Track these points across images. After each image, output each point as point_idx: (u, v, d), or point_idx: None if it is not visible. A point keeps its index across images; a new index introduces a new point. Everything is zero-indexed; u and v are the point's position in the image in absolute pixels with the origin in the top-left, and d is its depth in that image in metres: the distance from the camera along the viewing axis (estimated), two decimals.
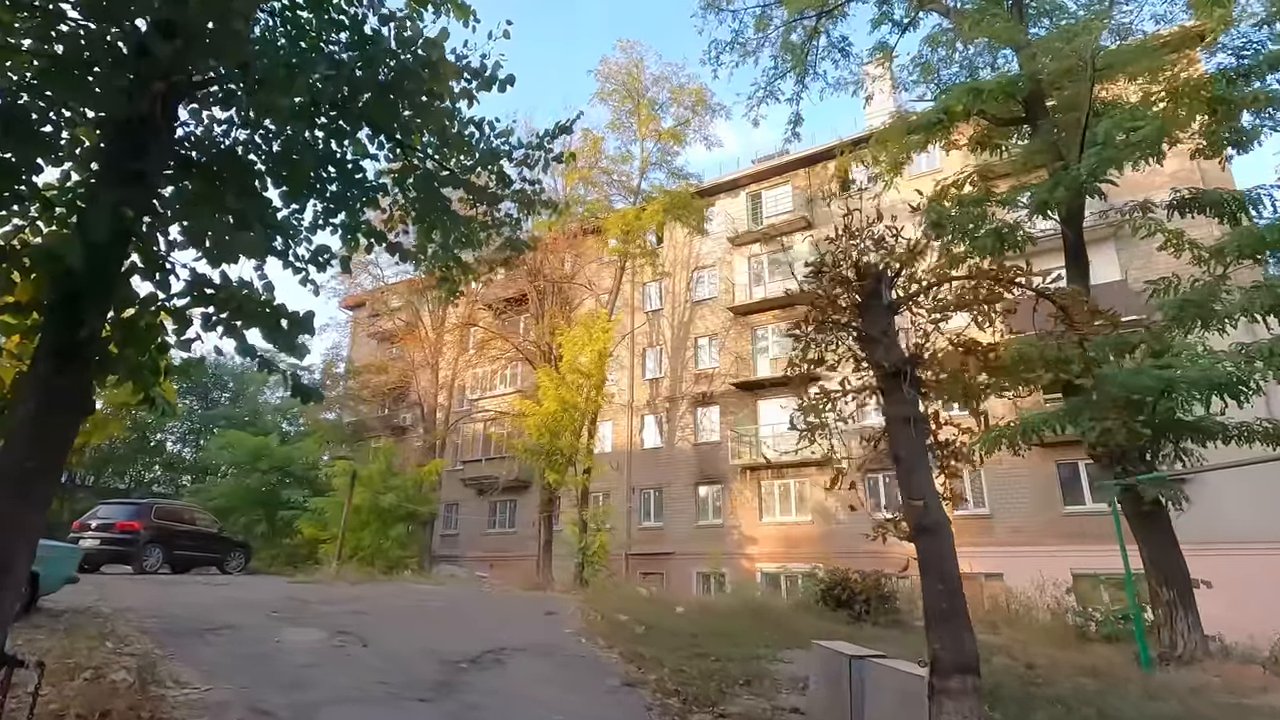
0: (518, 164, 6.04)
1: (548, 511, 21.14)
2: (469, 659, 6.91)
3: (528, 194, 6.33)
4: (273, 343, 4.06)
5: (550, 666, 6.83)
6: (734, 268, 25.92)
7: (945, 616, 3.69)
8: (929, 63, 11.12)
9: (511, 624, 9.40)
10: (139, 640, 6.49)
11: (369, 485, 20.48)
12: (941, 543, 3.81)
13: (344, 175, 5.05)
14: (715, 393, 25.03)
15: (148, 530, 15.01)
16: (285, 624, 8.11)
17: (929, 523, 3.84)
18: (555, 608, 10.97)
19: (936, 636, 3.67)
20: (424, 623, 9.09)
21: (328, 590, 11.99)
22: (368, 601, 10.53)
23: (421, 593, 12.70)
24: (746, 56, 14.69)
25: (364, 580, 14.79)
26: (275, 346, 4.11)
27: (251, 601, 9.72)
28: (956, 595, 3.74)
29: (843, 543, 21.18)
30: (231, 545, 17.73)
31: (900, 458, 4.05)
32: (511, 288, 26.35)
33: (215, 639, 6.89)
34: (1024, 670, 7.05)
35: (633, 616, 9.94)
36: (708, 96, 21.12)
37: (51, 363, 3.58)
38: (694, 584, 22.88)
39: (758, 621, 10.00)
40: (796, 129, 14.93)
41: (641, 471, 25.72)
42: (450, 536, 29.31)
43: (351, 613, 9.30)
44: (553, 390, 17.76)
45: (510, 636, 8.21)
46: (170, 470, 35.62)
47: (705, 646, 8.01)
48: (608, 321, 18.95)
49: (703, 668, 6.96)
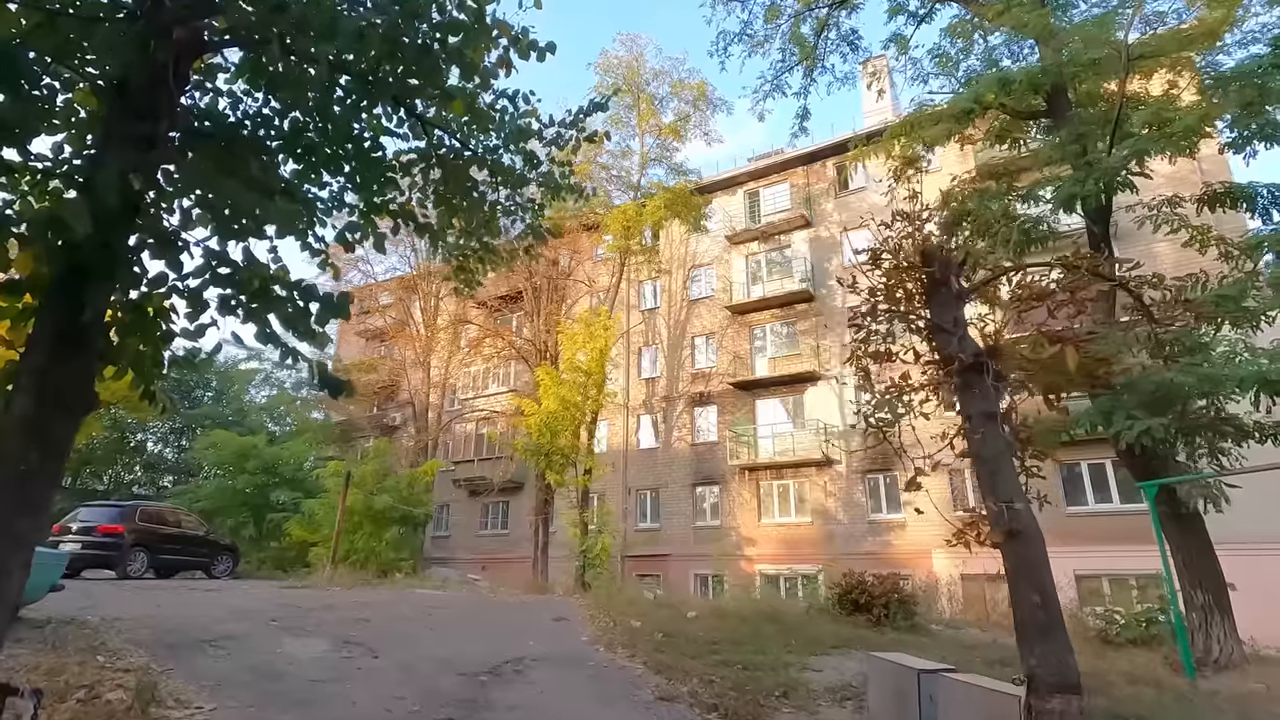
0: (547, 144, 5.67)
1: (544, 513, 20.73)
2: (488, 670, 6.52)
3: (555, 177, 5.96)
4: (291, 328, 3.63)
5: (576, 679, 6.46)
6: (731, 266, 25.65)
7: (1043, 631, 3.38)
8: (947, 54, 10.88)
9: (522, 631, 9.01)
10: (133, 654, 6.03)
11: (362, 486, 19.93)
12: (1033, 549, 3.50)
13: (361, 153, 4.66)
14: (712, 392, 24.75)
15: (131, 534, 14.42)
16: (287, 633, 7.66)
17: (1020, 527, 3.52)
18: (563, 613, 10.59)
19: (1033, 653, 3.36)
20: (431, 630, 8.68)
21: (324, 595, 11.50)
22: (368, 608, 10.08)
23: (421, 597, 12.26)
24: (755, 49, 14.41)
25: (360, 584, 14.29)
26: (295, 334, 3.68)
27: (248, 609, 9.24)
28: (1053, 606, 3.44)
29: (843, 544, 20.99)
30: (219, 548, 17.15)
31: (982, 457, 3.74)
32: (504, 285, 25.87)
33: (216, 651, 6.44)
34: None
35: (646, 622, 9.60)
36: (709, 91, 20.85)
37: (50, 350, 3.17)
38: (692, 586, 22.57)
39: (775, 626, 9.68)
40: (804, 123, 14.68)
41: (638, 472, 25.37)
42: (442, 538, 28.78)
43: (354, 620, 8.87)
44: (553, 388, 17.35)
45: (525, 645, 7.83)
46: (151, 471, 34.66)
47: (728, 654, 7.68)
48: (609, 318, 18.56)
49: (733, 678, 6.63)
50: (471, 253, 6.06)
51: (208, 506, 22.51)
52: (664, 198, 20.03)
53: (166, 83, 3.52)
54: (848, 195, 24.45)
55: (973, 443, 3.80)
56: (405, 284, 29.63)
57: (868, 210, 23.64)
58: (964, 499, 20.12)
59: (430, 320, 28.90)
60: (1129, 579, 16.92)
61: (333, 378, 3.60)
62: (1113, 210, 9.30)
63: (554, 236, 6.18)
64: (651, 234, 22.57)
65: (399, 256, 29.64)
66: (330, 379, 3.61)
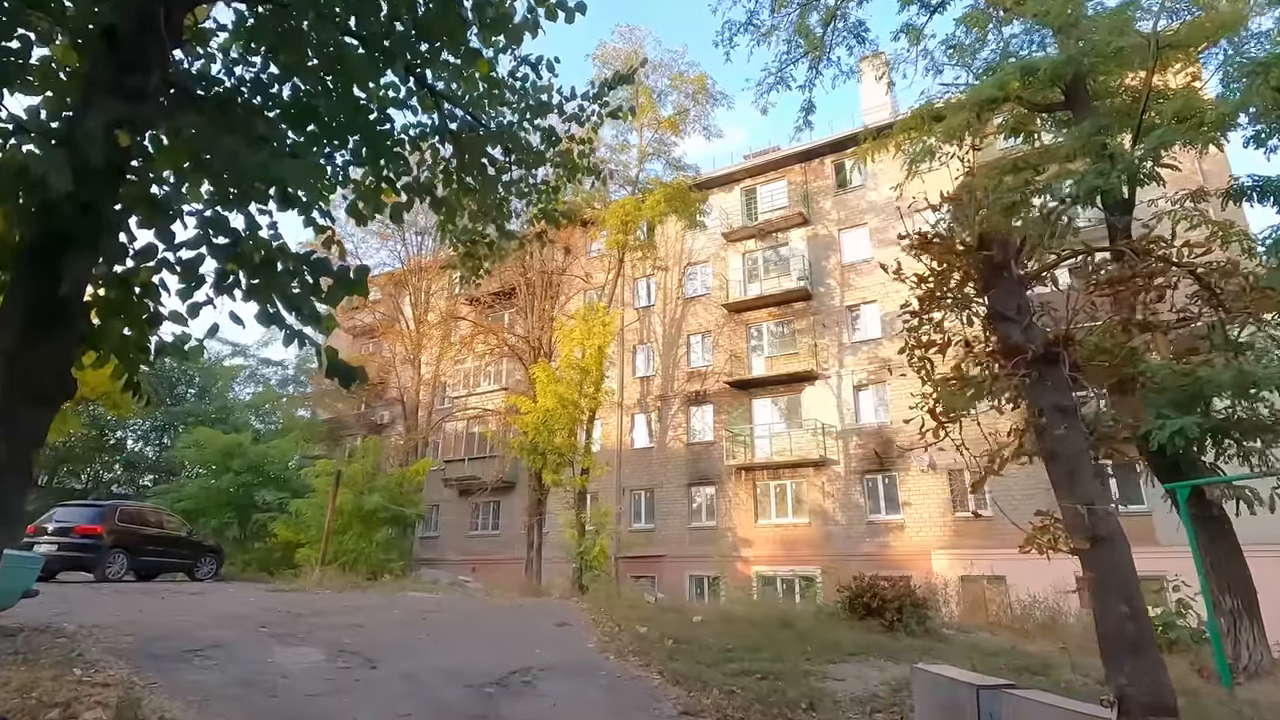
0: (567, 119, 5.30)
1: (538, 513, 20.31)
2: (495, 681, 6.14)
3: (573, 156, 5.59)
4: (296, 310, 3.22)
5: (590, 691, 6.09)
6: (728, 264, 25.35)
7: (1134, 646, 3.07)
8: (962, 44, 10.63)
9: (525, 637, 8.63)
10: (113, 666, 5.59)
11: (351, 485, 19.40)
12: (1120, 555, 3.19)
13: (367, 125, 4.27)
14: (708, 391, 24.44)
15: (110, 534, 13.86)
16: (277, 641, 7.24)
17: (1105, 532, 3.21)
18: (564, 617, 10.21)
19: (1123, 671, 3.05)
20: (429, 637, 8.27)
21: (315, 599, 11.06)
22: (362, 612, 9.66)
23: (414, 601, 11.83)
24: (762, 39, 14.11)
25: (350, 587, 13.84)
26: (299, 317, 3.26)
27: (235, 614, 8.79)
28: (1143, 619, 3.13)
29: (841, 545, 20.76)
30: (202, 550, 16.59)
31: (1058, 455, 3.43)
32: (497, 281, 25.36)
33: (203, 662, 6.01)
34: (1098, 687, 6.49)
35: (653, 628, 9.24)
36: (709, 84, 20.50)
37: (21, 331, 2.77)
38: (687, 588, 22.26)
39: (787, 632, 9.36)
40: (809, 116, 14.39)
41: (632, 472, 25.01)
42: (431, 539, 28.26)
43: (348, 625, 8.45)
44: (550, 386, 16.94)
45: (531, 653, 7.45)
46: (132, 470, 33.77)
47: (745, 662, 7.33)
48: (607, 314, 18.17)
49: (755, 689, 6.28)
50: (480, 238, 5.68)
51: (190, 506, 21.85)
52: (664, 191, 19.67)
53: (158, 31, 3.13)
54: (846, 193, 24.23)
55: (1047, 439, 3.49)
56: (395, 279, 29.06)
57: (867, 207, 23.53)
58: (963, 500, 19.97)
59: (421, 316, 28.37)
60: None
61: (344, 365, 3.21)
62: (1135, 204, 9.08)
63: (570, 222, 5.80)
64: (648, 230, 22.19)
65: (389, 251, 29.12)
66: (341, 366, 3.21)
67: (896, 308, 20.37)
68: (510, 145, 4.93)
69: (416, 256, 28.63)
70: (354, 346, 32.92)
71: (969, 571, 18.59)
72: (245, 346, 37.28)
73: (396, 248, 28.95)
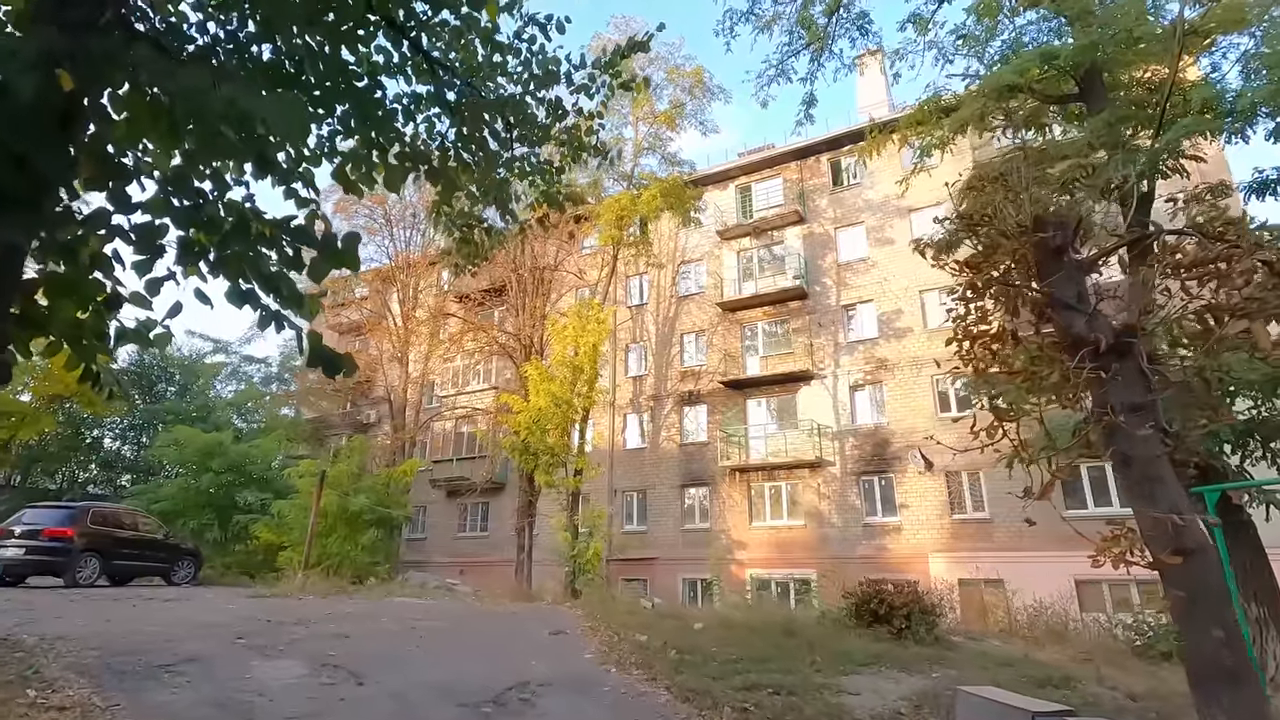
0: (575, 90, 4.89)
1: (529, 515, 19.84)
2: (490, 699, 5.71)
3: (580, 133, 5.19)
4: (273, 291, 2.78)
5: (594, 710, 5.67)
6: (723, 262, 25.00)
7: (1231, 676, 2.71)
8: (973, 34, 10.32)
9: (519, 647, 8.20)
10: (73, 685, 5.11)
11: (336, 486, 18.82)
12: (1212, 572, 2.83)
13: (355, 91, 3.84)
14: (702, 391, 24.06)
15: (82, 537, 13.25)
16: (256, 654, 6.76)
17: (1194, 545, 2.85)
18: (559, 624, 9.78)
19: (1220, 704, 2.68)
20: (419, 648, 7.81)
21: (297, 606, 10.54)
22: (348, 621, 9.18)
23: (402, 607, 11.35)
24: (763, 29, 13.74)
25: (334, 592, 13.31)
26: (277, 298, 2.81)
27: (211, 623, 8.30)
28: (1238, 645, 2.77)
29: (837, 547, 20.44)
30: (179, 553, 15.98)
31: (1132, 457, 3.07)
32: (486, 278, 24.84)
33: (173, 679, 5.53)
34: (1133, 703, 6.17)
35: (652, 636, 8.84)
36: (706, 78, 20.13)
37: None
38: (680, 591, 21.85)
39: (791, 640, 8.99)
40: (810, 110, 14.04)
41: (624, 473, 24.57)
42: (418, 541, 27.67)
43: (332, 635, 7.97)
44: (542, 384, 16.48)
45: (527, 666, 7.02)
46: (109, 470, 32.84)
47: (754, 674, 6.95)
48: (602, 311, 17.73)
49: (769, 705, 5.90)
50: (478, 222, 5.27)
51: (169, 507, 21.14)
52: (659, 187, 19.25)
53: None
54: (842, 191, 23.94)
55: (1120, 441, 3.12)
56: (383, 275, 28.45)
57: (864, 206, 23.26)
58: (961, 503, 19.72)
59: (409, 313, 27.77)
60: (1128, 585, 16.56)
61: (329, 352, 2.75)
62: (1154, 198, 8.79)
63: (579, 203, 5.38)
64: (642, 226, 21.76)
65: (376, 246, 28.49)
66: (325, 353, 2.75)
67: (893, 307, 20.03)
68: (514, 118, 4.53)
69: (405, 252, 28.03)
70: (340, 344, 32.05)
71: (970, 575, 18.32)
72: (228, 343, 36.34)
73: (384, 243, 28.35)
